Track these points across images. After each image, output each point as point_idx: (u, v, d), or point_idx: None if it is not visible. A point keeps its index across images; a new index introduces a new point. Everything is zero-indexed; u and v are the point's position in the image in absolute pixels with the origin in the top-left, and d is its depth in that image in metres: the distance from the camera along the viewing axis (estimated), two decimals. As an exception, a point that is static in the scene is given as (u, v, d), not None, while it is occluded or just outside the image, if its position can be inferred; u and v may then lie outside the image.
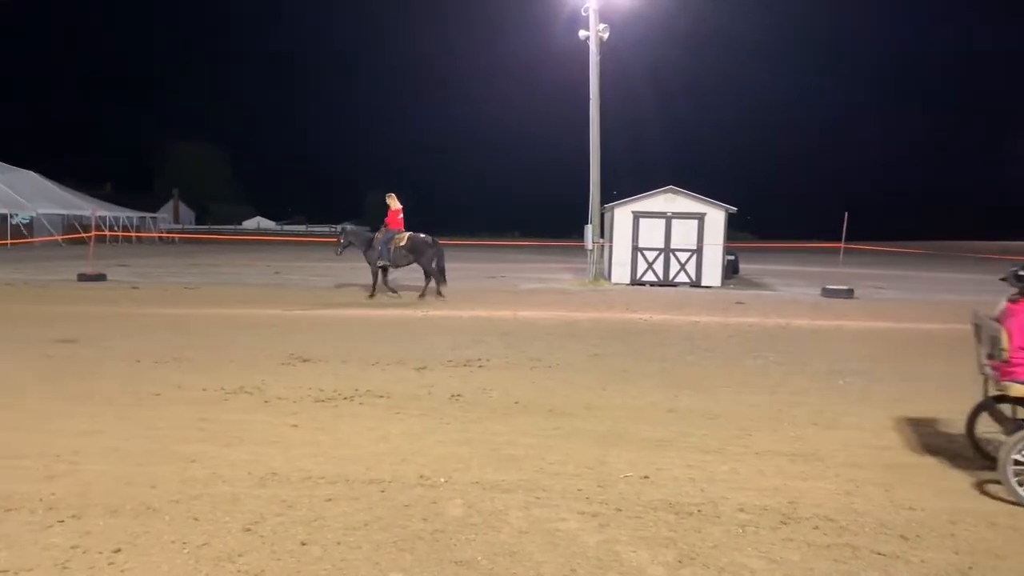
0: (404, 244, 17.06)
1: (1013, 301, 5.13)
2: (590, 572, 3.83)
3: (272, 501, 4.67)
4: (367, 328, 12.34)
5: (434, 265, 17.06)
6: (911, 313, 16.07)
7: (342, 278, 23.05)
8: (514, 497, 4.80)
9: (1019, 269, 5.11)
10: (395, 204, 17.71)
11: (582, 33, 22.81)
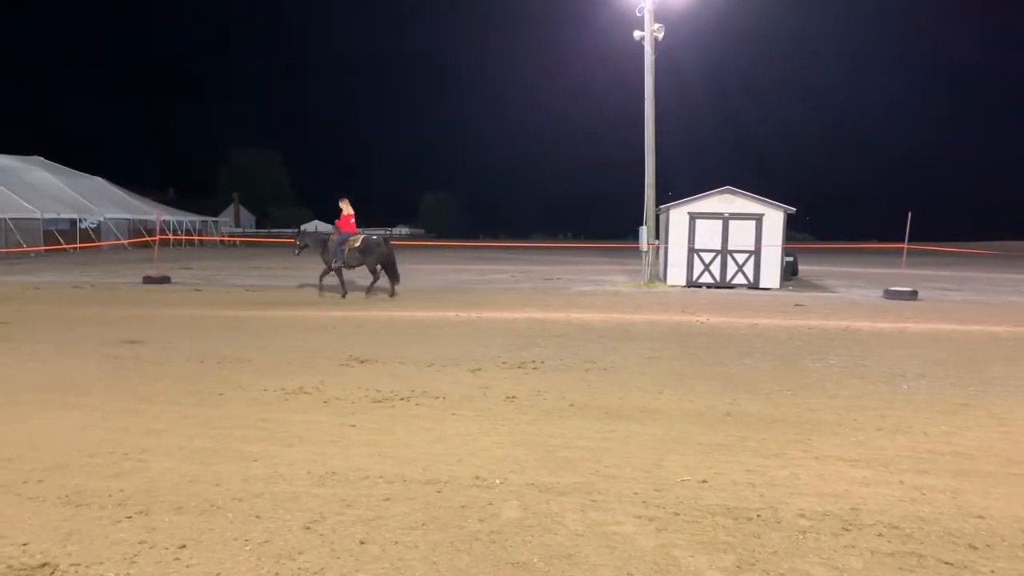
0: (358, 246, 17.74)
1: None
2: (647, 576, 3.81)
3: (331, 500, 4.75)
4: (422, 330, 12.44)
5: (379, 267, 17.73)
6: (978, 315, 15.57)
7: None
8: (570, 500, 4.79)
9: None
10: (348, 209, 18.43)
11: (637, 33, 22.67)
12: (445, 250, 47.50)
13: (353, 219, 18.44)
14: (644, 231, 22.43)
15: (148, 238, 39.77)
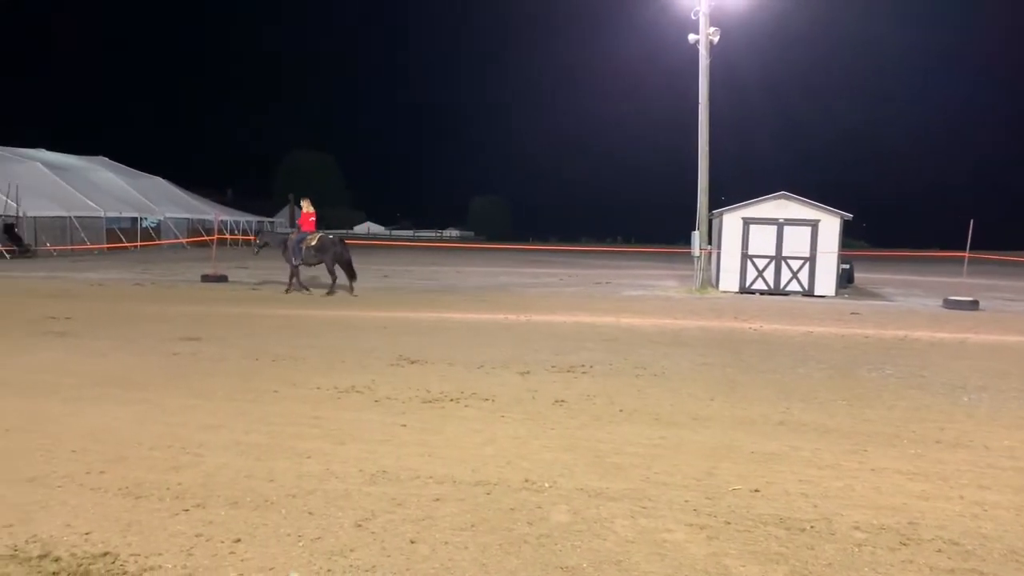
0: (314, 244, 18.45)
1: None
2: (698, 585, 3.77)
3: (382, 499, 4.80)
4: (471, 332, 12.50)
5: (336, 264, 18.40)
6: (1044, 327, 15.06)
7: (448, 281, 23.44)
8: (620, 506, 4.76)
9: None
10: (308, 208, 19.13)
11: (691, 37, 22.45)
12: (494, 253, 47.63)
13: (313, 218, 19.14)
14: (696, 236, 22.19)
15: (206, 237, 40.63)
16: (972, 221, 19.22)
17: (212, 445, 5.88)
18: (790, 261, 21.08)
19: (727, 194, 29.28)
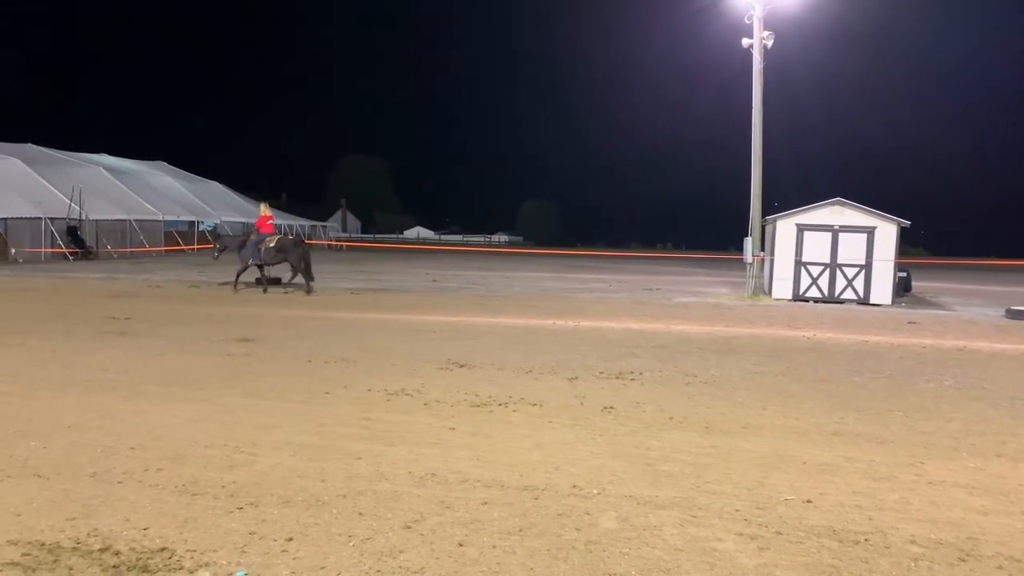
0: (273, 245, 19.37)
1: None
2: (748, 596, 3.72)
3: (431, 501, 4.83)
4: (519, 337, 12.52)
5: (303, 263, 19.28)
6: (1113, 339, 14.52)
7: (496, 286, 23.50)
8: (669, 514, 4.73)
9: None
10: (266, 211, 20.41)
11: (745, 41, 22.20)
12: (543, 258, 47.64)
13: (271, 221, 20.26)
14: (749, 242, 21.91)
15: (260, 241, 41.39)
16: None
17: (266, 445, 5.99)
18: (845, 268, 20.68)
19: (780, 200, 28.86)
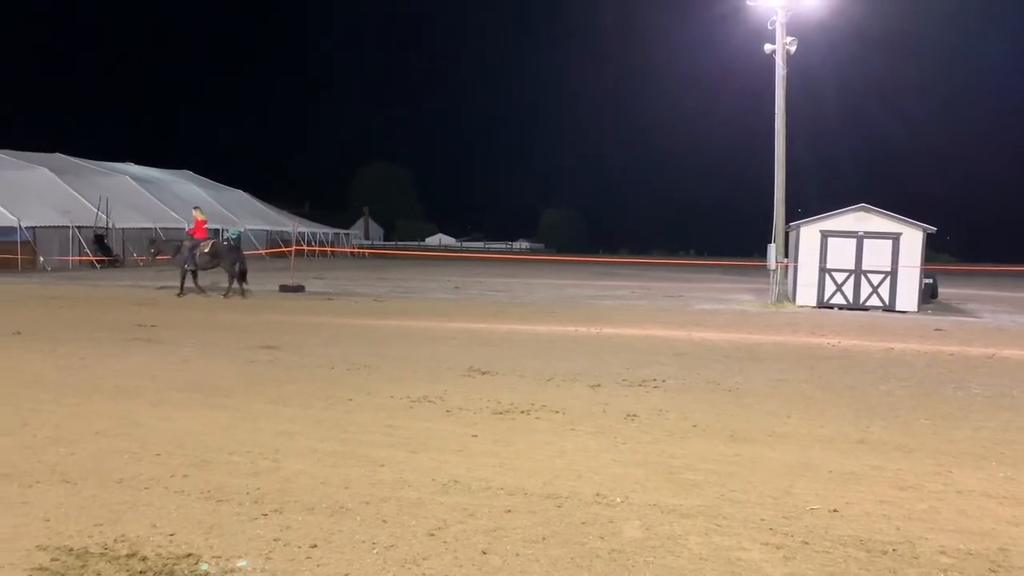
0: (208, 250, 20.05)
1: None
2: (774, 606, 3.68)
3: (454, 508, 4.83)
4: (541, 344, 12.51)
5: (236, 268, 19.91)
6: None
7: (517, 293, 23.51)
8: (693, 523, 4.69)
9: None
10: (200, 216, 21.27)
11: (767, 47, 22.08)
12: (565, 265, 47.61)
13: (206, 226, 21.31)
14: (772, 249, 21.76)
15: (284, 249, 41.67)
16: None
17: (289, 451, 6.02)
18: (870, 275, 20.48)
19: (804, 206, 28.68)
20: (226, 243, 21.22)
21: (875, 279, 20.44)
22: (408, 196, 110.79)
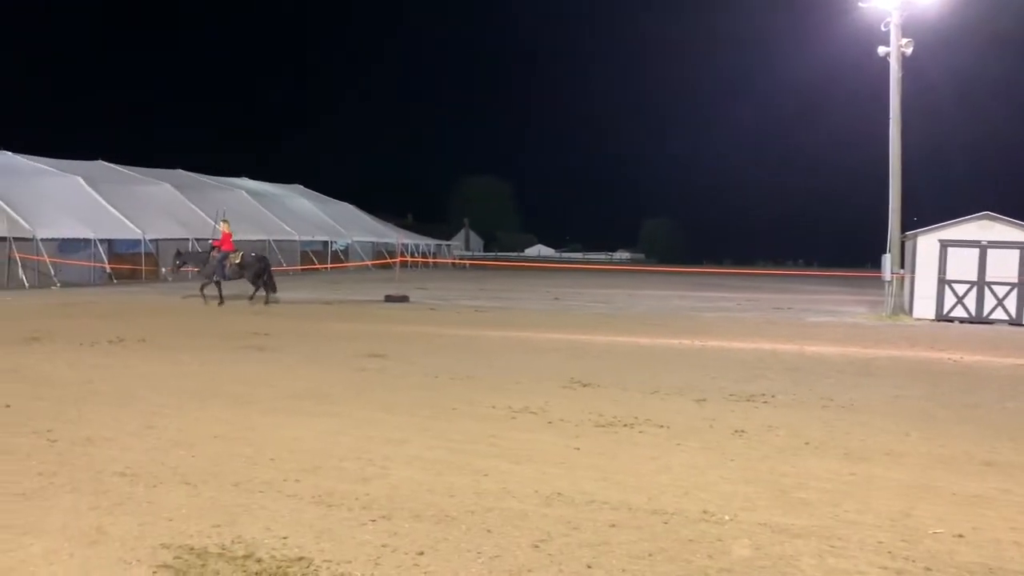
0: (238, 261, 20.34)
1: None
2: (896, 635, 3.50)
3: (558, 521, 4.81)
4: (644, 356, 12.35)
5: (264, 278, 20.50)
6: None
7: (619, 304, 23.31)
8: (806, 543, 4.52)
9: None
10: (227, 229, 21.37)
11: (881, 49, 21.24)
12: (667, 275, 46.91)
13: (232, 238, 21.42)
14: (887, 259, 20.88)
15: (389, 260, 42.70)
16: None
17: (397, 459, 6.14)
18: (994, 287, 19.37)
19: (920, 215, 27.37)
20: (253, 255, 21.68)
21: (1000, 291, 19.32)
22: (507, 208, 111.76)
